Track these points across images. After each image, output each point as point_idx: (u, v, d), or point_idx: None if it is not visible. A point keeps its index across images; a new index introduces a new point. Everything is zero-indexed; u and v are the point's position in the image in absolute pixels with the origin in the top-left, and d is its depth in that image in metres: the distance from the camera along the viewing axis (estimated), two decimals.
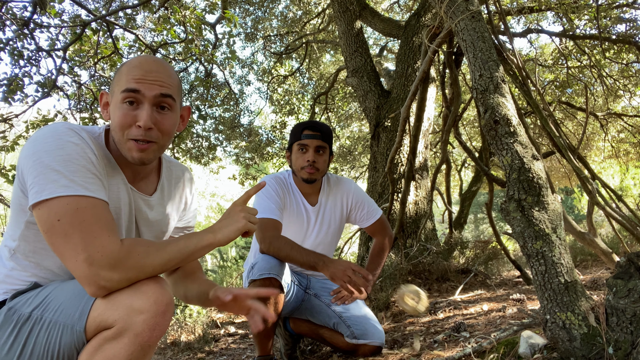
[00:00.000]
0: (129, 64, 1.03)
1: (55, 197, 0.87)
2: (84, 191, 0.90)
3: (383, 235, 2.13)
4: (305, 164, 1.91)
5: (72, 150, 0.92)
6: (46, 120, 4.48)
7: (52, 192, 0.87)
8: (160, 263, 0.93)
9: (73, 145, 0.93)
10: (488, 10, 2.52)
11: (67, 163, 0.90)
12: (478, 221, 19.60)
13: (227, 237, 1.01)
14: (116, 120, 1.01)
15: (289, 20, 8.13)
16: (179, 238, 0.99)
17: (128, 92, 1.00)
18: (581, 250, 4.56)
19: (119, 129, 1.01)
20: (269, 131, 8.95)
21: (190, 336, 2.69)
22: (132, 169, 1.10)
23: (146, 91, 1.01)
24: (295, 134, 1.96)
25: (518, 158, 1.44)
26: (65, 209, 0.87)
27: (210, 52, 5.21)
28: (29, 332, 0.94)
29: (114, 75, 1.07)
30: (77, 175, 0.90)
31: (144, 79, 1.01)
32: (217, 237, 1.01)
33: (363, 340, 1.88)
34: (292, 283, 1.97)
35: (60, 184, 0.88)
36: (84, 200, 0.89)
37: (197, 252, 0.99)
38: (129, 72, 1.01)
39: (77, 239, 0.87)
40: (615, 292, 1.17)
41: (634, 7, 4.82)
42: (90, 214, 0.89)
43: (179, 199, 1.27)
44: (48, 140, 0.92)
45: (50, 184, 0.88)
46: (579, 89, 6.54)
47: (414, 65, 4.38)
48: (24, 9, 4.21)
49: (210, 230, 1.02)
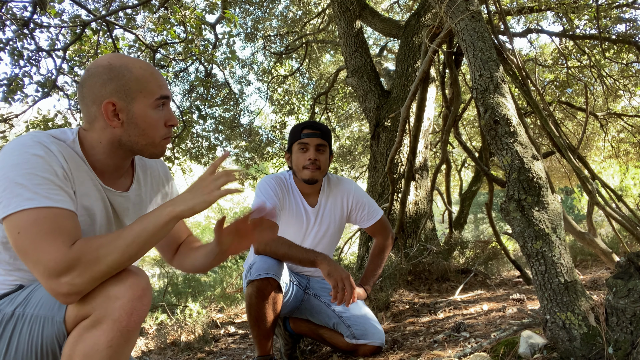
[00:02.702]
0: (145, 71, 1.07)
1: (17, 211, 0.89)
2: (47, 202, 0.91)
3: (384, 236, 2.13)
4: (306, 162, 1.90)
5: (36, 163, 0.94)
6: (46, 120, 4.48)
7: (16, 206, 0.90)
8: (120, 251, 0.91)
9: (37, 158, 0.94)
10: (488, 10, 2.52)
11: (31, 176, 0.92)
12: (478, 221, 19.60)
13: (190, 209, 0.97)
14: (153, 124, 1.08)
15: (289, 20, 8.13)
16: (135, 221, 0.97)
17: (164, 98, 1.09)
18: (581, 250, 4.56)
19: (153, 132, 1.08)
20: (269, 131, 8.95)
21: (190, 336, 2.69)
22: (109, 168, 1.12)
23: (169, 94, 1.12)
24: (294, 134, 1.95)
25: (518, 158, 1.44)
26: (25, 223, 0.89)
27: (210, 52, 5.21)
28: (13, 330, 0.97)
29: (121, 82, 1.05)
30: (41, 187, 0.92)
31: (165, 83, 1.11)
32: (177, 209, 0.97)
33: (363, 340, 1.88)
34: (291, 283, 1.97)
35: (24, 197, 0.90)
36: (44, 212, 0.90)
37: (158, 230, 0.96)
38: (153, 79, 1.08)
39: (33, 251, 0.89)
40: (615, 292, 1.17)
41: (634, 7, 4.82)
42: (47, 224, 0.90)
43: (157, 189, 1.31)
44: (14, 153, 0.94)
45: (15, 198, 0.90)
46: (579, 89, 6.54)
47: (414, 65, 4.38)
48: (24, 9, 4.22)
49: (170, 204, 0.99)
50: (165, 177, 1.34)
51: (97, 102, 1.04)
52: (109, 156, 1.10)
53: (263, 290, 1.77)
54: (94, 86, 1.04)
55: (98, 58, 1.10)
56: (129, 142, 1.08)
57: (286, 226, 1.99)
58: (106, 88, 1.04)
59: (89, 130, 1.08)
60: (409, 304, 2.79)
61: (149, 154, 1.11)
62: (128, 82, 1.05)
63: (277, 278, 1.77)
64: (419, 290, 3.23)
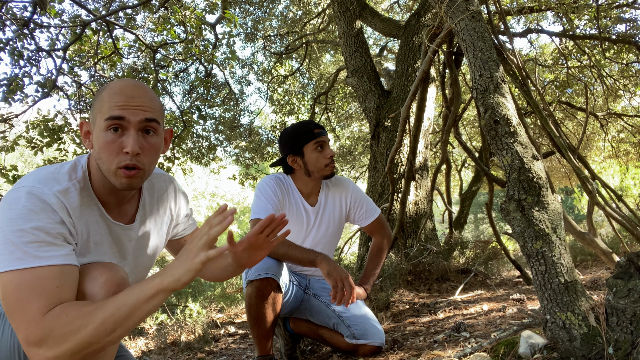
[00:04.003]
0: (110, 90, 1.01)
1: (5, 272, 0.88)
2: (35, 262, 0.89)
3: (382, 235, 2.13)
4: (328, 160, 1.91)
5: (29, 219, 0.91)
6: (46, 120, 4.48)
7: (6, 265, 0.88)
8: (95, 324, 0.85)
9: (32, 213, 0.92)
10: (488, 10, 2.52)
11: (22, 233, 0.90)
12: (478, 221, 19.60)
13: (177, 281, 0.89)
14: (101, 148, 0.99)
15: (289, 20, 8.13)
16: (120, 293, 0.90)
17: (112, 119, 0.98)
18: (581, 250, 4.56)
19: (106, 157, 0.99)
20: (269, 131, 8.95)
21: (190, 336, 2.69)
22: (114, 197, 1.09)
23: (131, 117, 0.99)
24: (306, 135, 1.89)
25: (518, 158, 1.44)
26: (9, 285, 0.87)
27: (210, 52, 5.21)
28: None
29: (94, 102, 1.04)
30: (30, 245, 0.89)
31: (128, 105, 0.99)
32: (164, 282, 0.89)
33: (363, 340, 1.88)
34: (291, 283, 1.97)
35: (14, 257, 0.88)
36: (27, 274, 0.88)
37: (141, 304, 0.88)
38: (111, 99, 0.99)
39: (12, 318, 0.87)
40: (615, 292, 1.17)
41: (634, 7, 4.82)
42: (27, 290, 0.87)
43: (163, 212, 1.25)
44: (12, 206, 0.92)
45: (7, 256, 0.88)
46: (579, 89, 6.54)
47: (414, 65, 4.38)
48: (24, 9, 4.22)
49: (159, 275, 0.91)
50: (175, 196, 1.29)
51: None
52: (104, 183, 1.06)
53: (263, 290, 1.77)
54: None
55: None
56: (98, 166, 1.03)
57: (286, 226, 1.98)
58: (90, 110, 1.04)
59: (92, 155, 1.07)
60: (409, 304, 2.79)
61: (113, 184, 1.02)
62: (95, 103, 1.03)
63: (277, 278, 1.77)
64: (419, 290, 3.23)
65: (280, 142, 1.98)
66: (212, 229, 0.91)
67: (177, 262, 0.92)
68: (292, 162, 1.94)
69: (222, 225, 0.90)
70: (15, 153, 4.42)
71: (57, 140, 4.52)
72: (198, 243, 0.91)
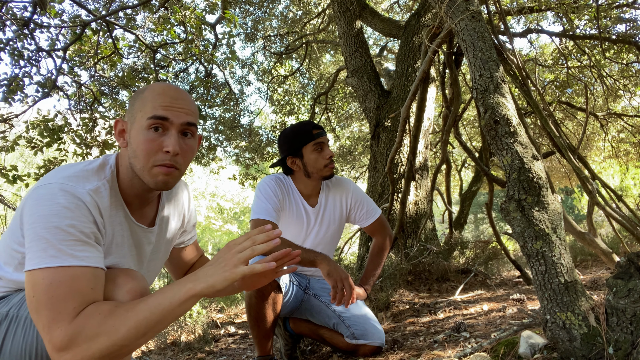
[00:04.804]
0: (153, 91, 1.03)
1: (38, 269, 0.85)
2: (70, 260, 0.87)
3: (382, 235, 2.13)
4: (328, 161, 1.91)
5: (64, 217, 0.89)
6: (46, 120, 4.49)
7: (39, 262, 0.86)
8: (127, 327, 0.84)
9: (66, 210, 0.90)
10: (488, 10, 2.52)
11: (57, 231, 0.87)
12: (478, 221, 19.61)
13: (211, 287, 0.88)
14: (140, 146, 1.01)
15: (289, 21, 8.13)
16: (151, 295, 0.89)
17: (156, 119, 1.00)
18: (581, 250, 4.56)
19: (143, 155, 1.01)
20: (269, 131, 8.95)
21: (190, 336, 2.69)
22: (139, 199, 1.09)
23: (174, 118, 1.02)
24: (305, 136, 1.89)
25: (518, 158, 1.44)
26: (40, 284, 0.85)
27: (210, 52, 5.21)
28: (7, 330, 0.96)
29: (133, 102, 1.05)
30: (65, 243, 0.87)
31: (172, 106, 1.02)
32: (197, 287, 0.88)
33: (363, 340, 1.88)
34: (291, 283, 1.97)
35: (48, 254, 0.86)
36: (61, 273, 0.86)
37: (174, 308, 0.87)
38: (155, 99, 1.02)
39: (39, 319, 0.84)
40: (615, 292, 1.17)
41: (634, 7, 4.82)
42: (61, 289, 0.85)
43: (178, 217, 1.26)
44: (45, 203, 0.89)
45: (39, 253, 0.86)
46: (579, 89, 6.54)
47: (414, 65, 4.38)
48: (24, 9, 4.21)
49: (192, 279, 0.90)
50: (188, 202, 1.31)
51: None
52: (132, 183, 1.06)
53: (263, 291, 1.77)
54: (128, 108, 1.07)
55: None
56: (131, 165, 1.04)
57: (287, 227, 1.98)
58: (128, 109, 1.06)
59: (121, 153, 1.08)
60: (409, 304, 2.79)
61: (147, 182, 1.03)
62: (135, 102, 1.05)
63: (277, 278, 1.77)
64: (419, 290, 3.23)
65: (280, 143, 1.97)
66: (258, 245, 0.92)
67: (212, 269, 0.91)
68: (291, 163, 1.94)
69: (269, 245, 0.92)
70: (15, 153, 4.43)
71: (57, 140, 4.52)
72: (240, 255, 0.91)
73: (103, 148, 4.78)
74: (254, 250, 0.91)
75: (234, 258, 0.91)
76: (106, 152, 4.80)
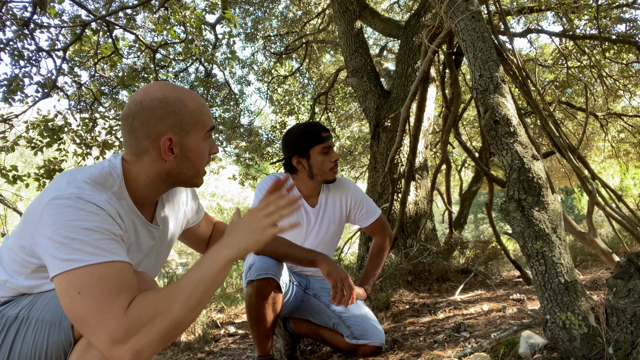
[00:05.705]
0: (194, 102, 1.06)
1: (79, 268, 0.83)
2: (112, 256, 0.87)
3: (382, 235, 2.13)
4: (333, 164, 1.92)
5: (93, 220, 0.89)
6: (46, 120, 4.49)
7: (77, 262, 0.84)
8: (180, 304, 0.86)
9: (94, 215, 0.90)
10: (488, 10, 2.52)
11: (88, 231, 0.87)
12: (478, 221, 19.61)
13: (245, 250, 0.95)
14: (200, 156, 1.08)
15: (289, 21, 8.13)
16: (189, 271, 0.92)
17: (212, 129, 1.10)
18: (581, 250, 4.56)
19: (200, 164, 1.08)
20: (269, 131, 8.95)
21: (190, 336, 2.69)
22: (147, 201, 1.11)
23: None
24: (313, 138, 1.88)
25: (518, 158, 1.44)
26: (88, 281, 0.83)
27: (210, 52, 5.21)
28: (17, 332, 0.95)
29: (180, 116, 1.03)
30: (102, 241, 0.87)
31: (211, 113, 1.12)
32: (232, 253, 0.94)
33: (363, 340, 1.88)
34: (291, 283, 1.97)
35: (86, 252, 0.85)
36: (108, 267, 0.85)
37: (216, 277, 0.91)
38: (202, 111, 1.07)
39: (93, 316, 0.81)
40: (615, 292, 1.17)
41: (634, 7, 4.83)
42: (112, 281, 0.84)
43: (177, 207, 1.28)
44: (65, 211, 0.88)
45: (75, 254, 0.84)
46: (579, 89, 6.55)
47: (414, 65, 4.38)
48: (24, 9, 4.21)
49: (224, 246, 0.95)
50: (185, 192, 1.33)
51: (152, 137, 1.01)
52: (153, 189, 1.08)
53: (263, 291, 1.77)
54: (148, 121, 1.00)
55: (147, 89, 1.04)
56: (177, 174, 1.07)
57: None
58: (163, 123, 1.01)
59: (134, 163, 1.05)
60: (409, 304, 2.79)
61: (191, 184, 1.11)
62: (184, 117, 1.03)
63: (277, 278, 1.77)
64: (419, 290, 3.23)
65: (286, 142, 1.95)
66: (282, 209, 1.01)
67: (242, 234, 0.97)
68: (296, 163, 1.93)
69: (293, 209, 1.03)
70: (15, 153, 4.42)
71: (57, 140, 4.52)
72: (268, 219, 0.99)
73: (103, 148, 4.78)
74: (280, 215, 1.00)
75: (263, 221, 0.98)
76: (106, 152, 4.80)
